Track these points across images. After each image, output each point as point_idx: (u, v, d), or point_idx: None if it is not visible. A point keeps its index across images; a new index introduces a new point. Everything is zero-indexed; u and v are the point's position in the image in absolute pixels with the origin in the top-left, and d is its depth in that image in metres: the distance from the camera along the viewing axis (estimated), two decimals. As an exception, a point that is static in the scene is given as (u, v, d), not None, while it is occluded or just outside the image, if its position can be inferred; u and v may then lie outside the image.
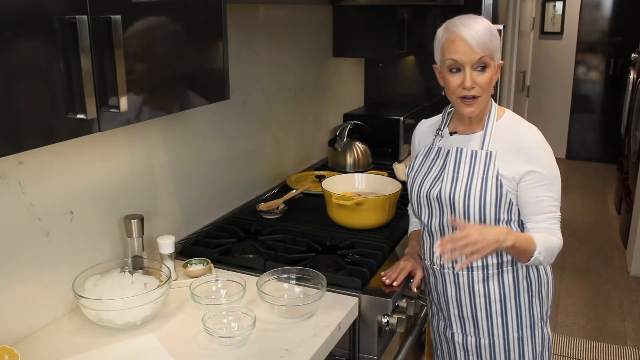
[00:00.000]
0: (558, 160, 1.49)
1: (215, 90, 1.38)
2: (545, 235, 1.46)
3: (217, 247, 1.80)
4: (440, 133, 1.58)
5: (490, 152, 1.47)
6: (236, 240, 1.86)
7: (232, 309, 1.42)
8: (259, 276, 1.52)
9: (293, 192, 2.21)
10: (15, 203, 1.31)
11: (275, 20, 2.30)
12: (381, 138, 2.80)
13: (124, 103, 1.07)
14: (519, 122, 1.52)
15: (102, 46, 1.03)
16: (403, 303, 1.64)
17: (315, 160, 2.77)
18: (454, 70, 1.42)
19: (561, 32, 6.27)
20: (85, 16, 0.98)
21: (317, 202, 2.14)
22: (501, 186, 1.45)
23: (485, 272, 1.53)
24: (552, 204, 1.47)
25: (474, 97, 1.42)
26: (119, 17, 1.04)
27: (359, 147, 2.65)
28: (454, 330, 1.63)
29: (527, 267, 1.55)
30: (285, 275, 1.56)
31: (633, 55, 4.71)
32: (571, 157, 6.55)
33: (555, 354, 3.03)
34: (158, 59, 1.19)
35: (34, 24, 0.92)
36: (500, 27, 2.64)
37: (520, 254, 1.44)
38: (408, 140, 2.87)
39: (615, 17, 6.09)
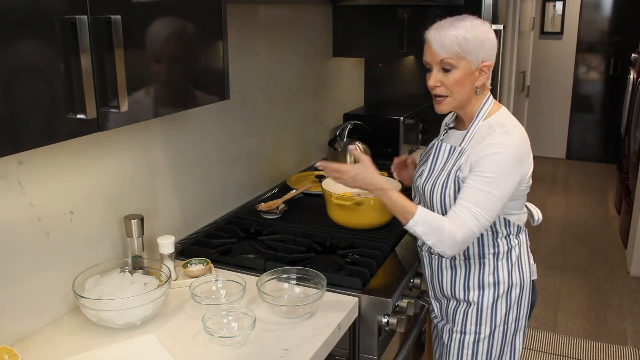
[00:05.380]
0: (558, 160, 1.48)
1: (215, 90, 1.38)
2: (436, 215, 1.44)
3: (217, 247, 1.80)
4: (446, 127, 1.65)
5: (461, 149, 1.50)
6: (236, 240, 1.86)
7: (232, 309, 1.42)
8: (259, 276, 1.52)
9: (293, 192, 2.21)
10: (15, 203, 1.31)
11: (275, 20, 2.30)
12: (381, 138, 2.79)
13: (124, 103, 1.07)
14: (498, 123, 1.47)
15: (102, 46, 1.03)
16: (403, 303, 1.64)
17: (315, 160, 2.77)
18: (428, 69, 1.50)
19: (561, 32, 6.27)
20: (85, 16, 0.98)
21: (317, 202, 2.14)
22: (459, 183, 1.47)
23: (452, 260, 1.58)
24: (474, 195, 1.41)
25: (442, 96, 1.49)
26: (119, 17, 1.04)
27: (359, 147, 2.65)
28: (432, 316, 1.72)
29: (495, 266, 1.55)
30: (285, 275, 1.56)
31: (633, 55, 4.71)
32: (571, 157, 6.52)
33: (555, 354, 3.03)
34: (158, 59, 1.19)
35: (34, 24, 0.92)
36: (500, 27, 2.64)
37: (396, 214, 1.48)
38: (408, 140, 2.87)
39: (615, 17, 6.09)
